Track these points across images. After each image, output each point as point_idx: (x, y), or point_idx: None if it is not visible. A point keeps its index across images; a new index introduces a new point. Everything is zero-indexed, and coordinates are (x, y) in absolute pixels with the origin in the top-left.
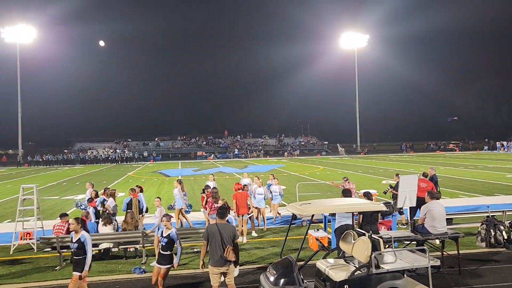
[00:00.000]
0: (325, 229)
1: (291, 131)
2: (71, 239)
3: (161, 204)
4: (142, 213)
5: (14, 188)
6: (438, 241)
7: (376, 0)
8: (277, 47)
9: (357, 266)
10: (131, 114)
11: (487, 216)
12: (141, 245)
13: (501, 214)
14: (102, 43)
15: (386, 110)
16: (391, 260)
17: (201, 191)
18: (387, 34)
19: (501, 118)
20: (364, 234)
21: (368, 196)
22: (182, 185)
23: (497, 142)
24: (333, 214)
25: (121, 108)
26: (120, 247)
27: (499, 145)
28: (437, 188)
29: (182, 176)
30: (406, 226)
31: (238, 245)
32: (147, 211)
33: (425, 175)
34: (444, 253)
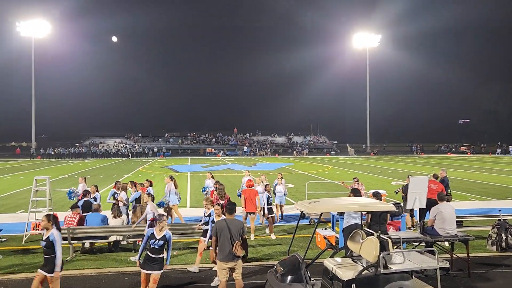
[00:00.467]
0: (333, 228)
1: (301, 130)
2: (42, 236)
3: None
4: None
5: (27, 180)
6: (448, 243)
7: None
8: (289, 48)
9: (365, 266)
10: (142, 109)
11: (499, 220)
12: None
13: None
14: (115, 39)
15: (397, 111)
16: (400, 261)
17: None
18: (399, 34)
19: None
20: (373, 234)
21: (378, 196)
22: (175, 181)
23: (510, 146)
24: (342, 213)
25: (133, 103)
26: (129, 240)
27: None
28: (448, 191)
29: (191, 172)
30: (415, 228)
31: (247, 241)
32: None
33: (436, 177)
34: (454, 256)
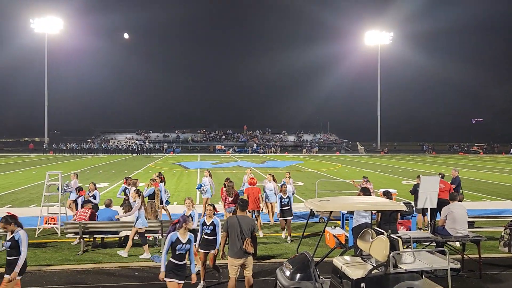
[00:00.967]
0: (343, 227)
1: (311, 128)
2: (6, 238)
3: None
4: (162, 204)
5: (40, 174)
6: (459, 244)
7: None
8: (300, 46)
9: (375, 265)
10: (153, 106)
11: (511, 221)
12: (160, 234)
13: None
14: (127, 36)
15: (408, 110)
16: (410, 261)
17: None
18: (412, 32)
19: None
20: (383, 233)
21: (388, 195)
22: (163, 179)
23: None
24: (351, 212)
25: (143, 100)
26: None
27: None
28: (460, 190)
29: (201, 169)
30: (428, 228)
31: (257, 238)
32: (168, 203)
33: (442, 176)
34: (465, 256)
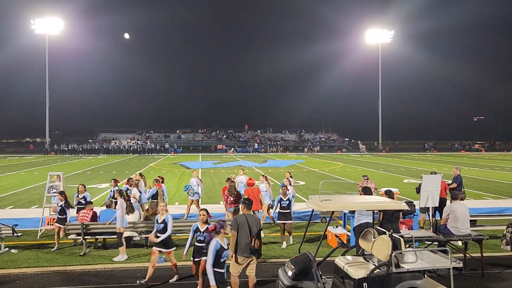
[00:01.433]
0: (345, 226)
1: (312, 127)
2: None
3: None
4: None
5: (42, 175)
6: (461, 243)
7: None
8: (300, 44)
9: (377, 265)
10: (154, 106)
11: None
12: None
13: None
14: (127, 36)
15: (410, 108)
16: (412, 260)
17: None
18: (412, 30)
19: None
20: (385, 233)
21: (390, 195)
22: (143, 180)
23: None
24: (353, 212)
25: (144, 100)
26: (142, 236)
27: None
28: (462, 189)
29: (202, 169)
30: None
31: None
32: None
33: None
34: (467, 255)
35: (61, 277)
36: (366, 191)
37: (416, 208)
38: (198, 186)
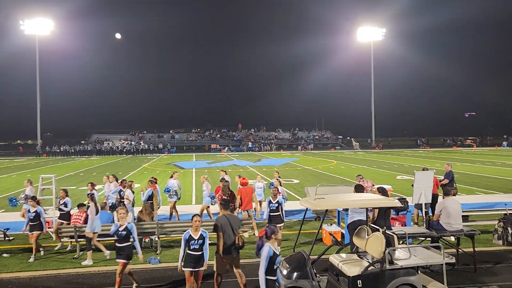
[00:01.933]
0: (339, 224)
1: (305, 125)
2: None
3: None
4: (159, 205)
5: (33, 178)
6: (453, 238)
7: None
8: (293, 42)
9: (371, 262)
10: (147, 107)
11: (505, 214)
12: (157, 236)
13: None
14: (119, 36)
15: (402, 105)
16: (405, 256)
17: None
18: (404, 28)
19: None
20: (378, 230)
21: (383, 192)
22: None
23: None
24: (347, 209)
25: (137, 101)
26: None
27: None
28: (454, 184)
29: (196, 169)
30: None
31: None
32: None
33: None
34: (460, 250)
35: (55, 281)
36: (358, 189)
37: (410, 205)
38: (178, 188)
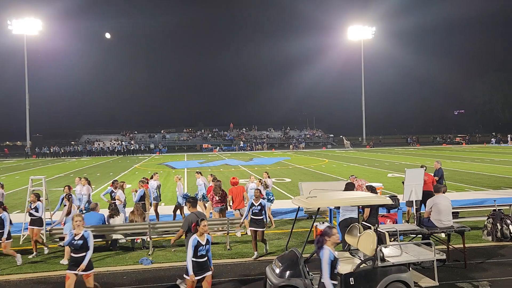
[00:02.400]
0: (331, 222)
1: (297, 124)
2: None
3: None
4: (151, 205)
5: (23, 179)
6: (444, 235)
7: None
8: (283, 40)
9: (363, 259)
10: (138, 107)
11: (494, 210)
12: (148, 236)
13: (508, 208)
14: (108, 35)
15: (392, 103)
16: (397, 253)
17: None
18: (394, 26)
19: (509, 111)
20: (370, 228)
21: (372, 190)
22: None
23: (508, 135)
24: (339, 207)
25: (128, 100)
26: (128, 238)
27: (510, 138)
28: (443, 182)
29: (188, 169)
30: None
31: None
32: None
33: (425, 169)
34: (450, 247)
35: (45, 284)
36: (349, 187)
37: (401, 202)
38: (157, 189)
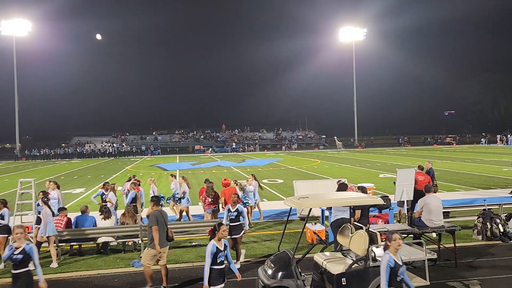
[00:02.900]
0: (323, 223)
1: (289, 125)
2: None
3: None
4: (142, 207)
5: (12, 182)
6: (435, 234)
7: None
8: (275, 41)
9: (355, 259)
10: (129, 108)
11: (484, 209)
12: (140, 239)
13: (498, 208)
14: (99, 36)
15: (384, 104)
16: None
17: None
18: (385, 28)
19: (499, 112)
20: (361, 228)
21: (363, 190)
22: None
23: (498, 135)
24: (330, 208)
25: (119, 102)
26: (119, 241)
27: (501, 138)
28: (434, 182)
29: (180, 170)
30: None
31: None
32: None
33: (421, 168)
34: (441, 246)
35: (36, 287)
36: (341, 188)
37: (393, 202)
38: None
